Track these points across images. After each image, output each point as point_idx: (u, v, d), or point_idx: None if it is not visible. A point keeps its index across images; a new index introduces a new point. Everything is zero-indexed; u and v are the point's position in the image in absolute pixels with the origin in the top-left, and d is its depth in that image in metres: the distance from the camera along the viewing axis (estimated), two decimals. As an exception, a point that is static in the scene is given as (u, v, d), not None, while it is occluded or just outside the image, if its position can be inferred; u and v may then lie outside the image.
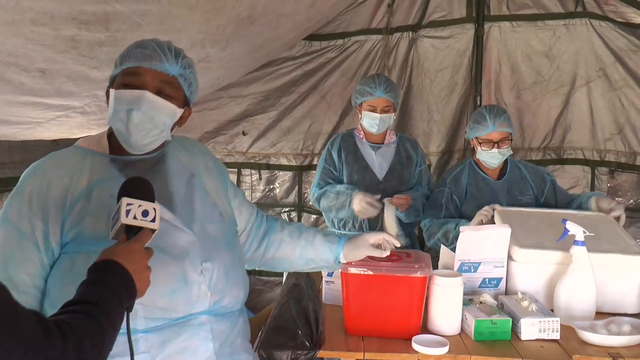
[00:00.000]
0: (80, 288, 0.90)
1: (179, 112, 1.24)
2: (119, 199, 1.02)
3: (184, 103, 1.26)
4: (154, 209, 1.03)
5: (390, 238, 1.51)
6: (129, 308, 0.93)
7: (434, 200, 2.43)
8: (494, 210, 2.09)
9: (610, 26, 3.16)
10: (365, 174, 2.55)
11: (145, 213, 1.01)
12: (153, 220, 1.02)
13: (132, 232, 1.00)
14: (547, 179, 2.40)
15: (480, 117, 2.32)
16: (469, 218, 2.21)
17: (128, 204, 1.00)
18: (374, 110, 2.50)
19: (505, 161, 2.39)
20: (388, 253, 1.49)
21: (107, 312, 0.87)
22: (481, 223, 2.12)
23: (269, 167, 3.53)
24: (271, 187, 3.58)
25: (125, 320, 0.92)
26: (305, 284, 1.84)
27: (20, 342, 0.72)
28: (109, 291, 0.89)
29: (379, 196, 2.40)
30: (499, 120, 2.27)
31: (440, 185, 2.44)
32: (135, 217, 1.00)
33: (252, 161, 3.52)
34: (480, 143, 2.31)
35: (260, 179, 3.54)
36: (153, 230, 1.03)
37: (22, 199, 1.12)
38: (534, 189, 2.37)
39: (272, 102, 3.44)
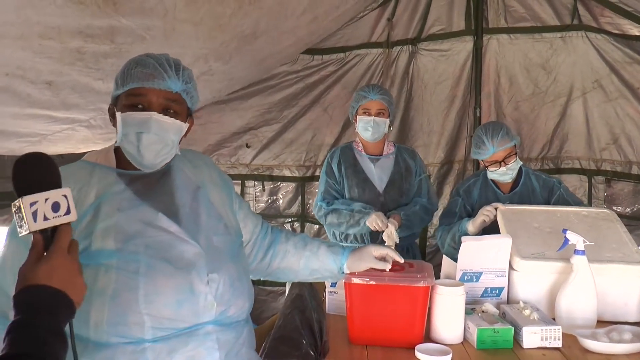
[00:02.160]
0: (11, 334, 0.77)
1: (185, 126, 1.26)
2: (18, 194, 0.83)
3: (187, 115, 1.28)
4: (64, 196, 0.85)
5: (393, 253, 1.53)
6: (71, 320, 0.84)
7: (448, 209, 2.45)
8: (496, 209, 2.08)
9: (606, 38, 3.21)
10: (365, 186, 2.53)
11: (55, 206, 0.84)
12: (68, 212, 0.85)
13: (47, 231, 0.85)
14: (556, 190, 2.33)
15: (479, 141, 2.30)
16: None
17: (31, 204, 0.82)
18: (368, 114, 2.51)
19: (520, 172, 2.36)
20: (389, 266, 1.51)
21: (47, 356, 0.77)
22: (484, 222, 2.13)
23: (272, 178, 3.55)
24: (274, 198, 3.60)
25: (69, 328, 0.85)
26: (309, 294, 1.84)
27: None
28: (44, 334, 0.78)
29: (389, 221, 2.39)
30: (497, 140, 2.24)
31: (455, 195, 2.47)
32: (45, 218, 0.83)
33: (255, 173, 3.55)
34: (487, 166, 2.32)
35: (264, 190, 3.56)
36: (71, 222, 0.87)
37: None
38: (542, 201, 2.32)
39: (275, 115, 3.47)
